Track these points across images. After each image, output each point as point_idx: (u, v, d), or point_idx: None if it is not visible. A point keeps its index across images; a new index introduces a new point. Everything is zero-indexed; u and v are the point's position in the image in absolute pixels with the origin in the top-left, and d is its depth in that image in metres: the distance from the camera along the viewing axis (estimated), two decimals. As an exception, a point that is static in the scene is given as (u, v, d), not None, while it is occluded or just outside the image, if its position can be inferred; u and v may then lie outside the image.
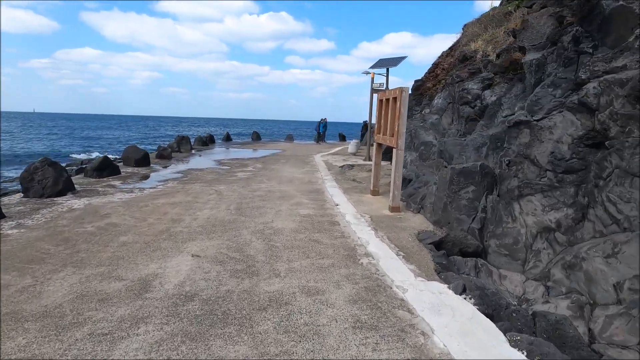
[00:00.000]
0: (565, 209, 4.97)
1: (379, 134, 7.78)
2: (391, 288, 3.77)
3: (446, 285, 3.88)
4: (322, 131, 29.10)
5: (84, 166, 13.07)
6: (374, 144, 8.27)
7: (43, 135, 49.48)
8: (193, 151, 18.71)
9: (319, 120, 29.31)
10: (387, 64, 15.50)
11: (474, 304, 3.54)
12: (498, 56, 10.77)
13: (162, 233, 5.34)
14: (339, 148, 23.01)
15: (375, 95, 14.96)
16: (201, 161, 14.94)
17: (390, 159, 14.36)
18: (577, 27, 5.25)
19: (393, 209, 6.72)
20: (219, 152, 18.99)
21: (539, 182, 5.28)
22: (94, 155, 25.47)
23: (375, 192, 8.16)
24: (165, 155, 14.84)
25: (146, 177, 10.52)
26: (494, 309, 3.62)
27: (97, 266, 4.14)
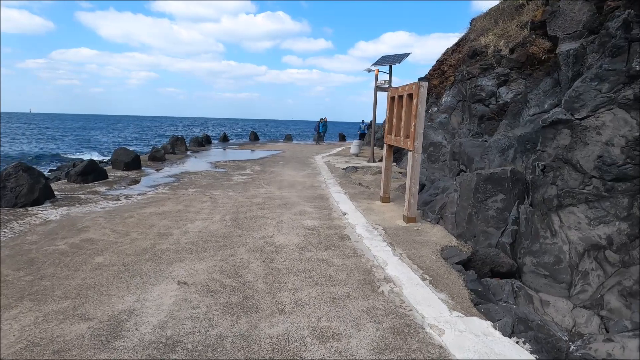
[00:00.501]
0: (617, 222, 4.25)
1: (390, 134, 7.03)
2: (424, 329, 3.03)
3: (490, 323, 3.15)
4: (321, 131, 28.29)
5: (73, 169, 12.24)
6: (384, 145, 7.50)
7: (37, 136, 48.55)
8: (188, 152, 17.91)
9: (319, 119, 28.48)
10: (390, 60, 14.75)
11: (531, 352, 2.81)
12: (512, 51, 10.04)
13: (145, 252, 4.59)
14: (340, 148, 22.25)
15: (379, 93, 14.23)
16: (196, 163, 14.15)
17: (395, 161, 13.63)
18: (629, 11, 4.52)
19: (409, 219, 5.98)
20: (215, 154, 18.19)
21: (582, 190, 4.55)
22: (92, 155, 24.65)
23: (385, 199, 7.41)
24: (158, 158, 14.04)
25: (135, 181, 9.75)
26: (554, 355, 2.89)
27: (60, 299, 3.38)
